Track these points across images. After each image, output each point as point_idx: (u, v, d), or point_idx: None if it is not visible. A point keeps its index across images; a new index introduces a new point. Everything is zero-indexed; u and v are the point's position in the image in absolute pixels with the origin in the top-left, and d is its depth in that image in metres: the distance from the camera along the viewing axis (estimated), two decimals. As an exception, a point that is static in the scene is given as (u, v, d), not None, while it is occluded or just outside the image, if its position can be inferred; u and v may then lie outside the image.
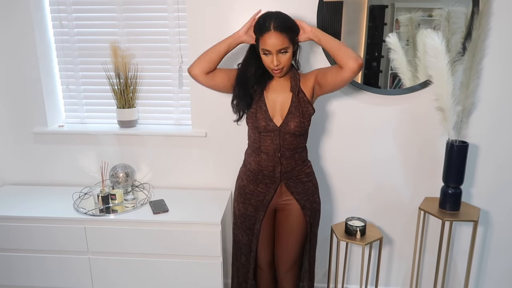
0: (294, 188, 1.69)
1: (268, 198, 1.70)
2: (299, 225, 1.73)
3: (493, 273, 2.18)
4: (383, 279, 2.25)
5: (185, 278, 1.90)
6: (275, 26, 1.49)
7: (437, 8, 1.79)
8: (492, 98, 1.91)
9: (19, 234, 1.90)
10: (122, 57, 2.05)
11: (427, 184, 2.06)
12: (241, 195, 1.76)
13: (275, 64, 1.53)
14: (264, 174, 1.68)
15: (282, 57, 1.54)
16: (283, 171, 1.66)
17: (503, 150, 1.98)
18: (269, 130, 1.62)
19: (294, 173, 1.68)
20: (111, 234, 1.86)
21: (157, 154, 2.16)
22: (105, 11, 2.07)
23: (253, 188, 1.72)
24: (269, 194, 1.70)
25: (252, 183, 1.71)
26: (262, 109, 1.63)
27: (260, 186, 1.70)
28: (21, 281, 1.98)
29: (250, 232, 1.76)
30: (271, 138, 1.63)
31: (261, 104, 1.63)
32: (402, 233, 2.16)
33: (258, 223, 1.74)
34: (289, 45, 1.53)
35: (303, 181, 1.71)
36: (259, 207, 1.72)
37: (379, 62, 1.93)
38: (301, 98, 1.63)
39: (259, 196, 1.71)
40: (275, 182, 1.68)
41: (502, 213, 2.07)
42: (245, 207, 1.74)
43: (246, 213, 1.74)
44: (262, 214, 1.72)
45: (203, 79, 1.66)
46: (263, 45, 1.53)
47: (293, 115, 1.61)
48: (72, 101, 2.24)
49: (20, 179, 2.27)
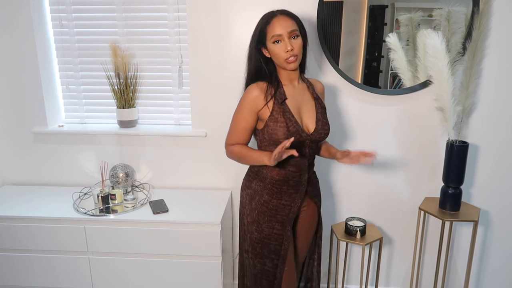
0: (312, 193, 1.64)
1: (295, 211, 1.57)
2: (314, 228, 1.71)
3: (493, 273, 2.18)
4: (383, 279, 2.25)
5: (185, 278, 1.90)
6: (281, 12, 1.46)
7: (437, 8, 1.79)
8: (492, 98, 1.91)
9: (19, 234, 1.90)
10: (122, 57, 2.05)
11: (427, 184, 2.06)
12: (263, 213, 1.56)
13: (289, 48, 1.42)
14: (290, 184, 1.55)
15: (294, 42, 1.44)
16: (307, 179, 1.58)
17: (503, 150, 1.98)
18: (301, 141, 1.50)
19: (312, 179, 1.64)
20: (111, 234, 1.86)
21: (157, 154, 2.16)
22: (105, 11, 2.07)
23: (276, 203, 1.56)
24: (295, 205, 1.57)
25: (276, 197, 1.55)
26: (292, 121, 1.48)
27: (284, 198, 1.56)
28: (21, 281, 1.97)
29: (275, 257, 1.57)
30: (300, 151, 1.51)
31: (289, 116, 1.48)
32: (402, 233, 2.16)
33: (286, 242, 1.56)
34: (299, 31, 1.45)
35: (314, 182, 1.67)
36: (286, 222, 1.56)
37: (379, 62, 1.93)
38: (321, 104, 1.58)
39: (284, 209, 1.56)
40: (300, 191, 1.56)
41: (502, 213, 2.07)
42: (271, 225, 1.56)
43: (272, 232, 1.56)
44: (290, 230, 1.57)
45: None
46: (272, 31, 1.43)
47: (321, 122, 1.54)
48: (72, 101, 2.23)
49: (20, 179, 2.27)
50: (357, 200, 2.14)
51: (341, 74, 1.92)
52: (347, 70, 1.92)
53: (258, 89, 1.50)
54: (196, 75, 2.03)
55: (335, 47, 1.90)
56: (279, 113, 1.48)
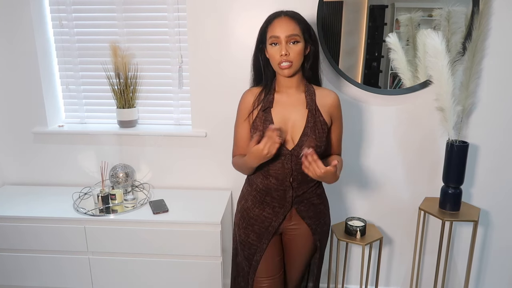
0: (306, 213, 1.48)
1: (275, 225, 1.47)
2: (308, 249, 1.55)
3: (493, 273, 2.18)
4: (383, 279, 2.25)
5: (185, 278, 1.90)
6: (285, 13, 1.37)
7: (437, 8, 1.79)
8: (492, 98, 1.91)
9: (19, 234, 1.90)
10: (122, 57, 2.05)
11: (427, 184, 2.06)
12: (243, 218, 1.53)
13: (283, 52, 1.32)
14: (273, 196, 1.46)
15: (292, 47, 1.34)
16: (294, 196, 1.45)
17: (503, 150, 1.98)
18: (279, 154, 1.38)
19: (306, 196, 1.47)
20: (111, 234, 1.86)
21: (157, 154, 2.16)
22: (105, 11, 2.07)
23: (258, 213, 1.48)
24: (277, 220, 1.47)
25: (258, 206, 1.48)
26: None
27: (267, 210, 1.47)
28: (21, 281, 1.98)
29: (247, 263, 1.53)
30: (282, 162, 1.40)
31: (268, 124, 1.39)
32: (402, 233, 2.16)
33: (259, 253, 1.50)
34: (300, 36, 1.35)
35: (315, 203, 1.50)
36: (263, 234, 1.49)
37: (379, 62, 1.93)
38: (317, 118, 1.41)
39: (264, 222, 1.48)
40: (284, 207, 1.46)
41: (502, 213, 2.07)
42: (247, 233, 1.51)
43: (247, 240, 1.51)
44: (266, 243, 1.49)
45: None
46: (272, 32, 1.35)
47: (308, 137, 1.39)
48: (72, 101, 2.23)
49: (20, 179, 2.27)
50: (357, 200, 2.14)
51: (341, 74, 1.92)
52: (347, 70, 1.92)
53: (250, 95, 1.46)
54: (196, 75, 2.03)
55: (335, 47, 1.90)
56: (261, 121, 1.41)
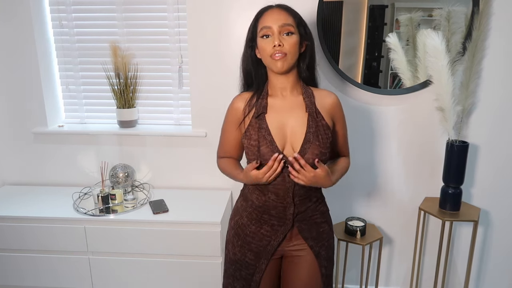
0: (308, 233, 1.34)
1: (275, 244, 1.33)
2: (312, 278, 1.35)
3: (493, 273, 2.18)
4: (383, 279, 2.25)
5: (185, 278, 1.90)
6: (277, 5, 1.27)
7: (437, 8, 1.79)
8: (492, 98, 1.91)
9: (19, 234, 1.90)
10: (122, 57, 2.05)
11: (427, 184, 2.06)
12: (238, 236, 1.37)
13: (277, 43, 1.19)
14: (272, 214, 1.32)
15: (286, 39, 1.21)
16: (295, 212, 1.31)
17: (503, 150, 1.98)
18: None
19: (308, 213, 1.34)
20: (111, 234, 1.86)
21: (157, 154, 2.16)
22: (105, 11, 2.07)
23: (255, 230, 1.34)
24: (276, 239, 1.32)
25: (255, 224, 1.34)
26: (267, 139, 1.26)
27: (265, 228, 1.33)
28: (21, 281, 1.97)
29: (245, 283, 1.37)
30: (283, 176, 1.26)
31: (264, 133, 1.26)
32: (402, 233, 2.16)
33: (258, 274, 1.35)
34: (295, 28, 1.23)
35: (317, 222, 1.36)
36: (262, 254, 1.34)
37: (379, 62, 1.93)
38: (319, 122, 1.27)
39: (263, 240, 1.33)
40: (285, 225, 1.32)
41: (502, 213, 2.07)
42: (243, 252, 1.36)
43: (243, 260, 1.36)
44: (265, 263, 1.34)
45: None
46: (263, 23, 1.23)
47: (311, 144, 1.24)
48: (72, 101, 2.23)
49: (20, 179, 2.27)
50: (357, 200, 2.14)
51: (341, 74, 1.92)
52: (347, 70, 1.92)
53: (240, 100, 1.35)
54: (196, 75, 2.03)
55: (335, 47, 1.90)
56: (255, 129, 1.28)
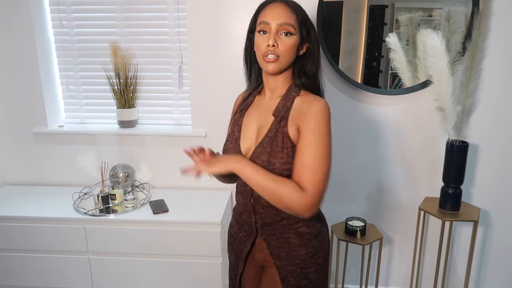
0: (276, 249, 1.20)
1: (246, 251, 1.26)
2: None
3: (493, 273, 2.18)
4: (383, 279, 2.25)
5: (185, 278, 1.90)
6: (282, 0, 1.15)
7: (437, 8, 1.79)
8: (492, 98, 1.91)
9: (19, 234, 1.90)
10: (122, 57, 2.05)
11: (427, 184, 2.06)
12: (228, 235, 1.38)
13: (271, 42, 1.09)
14: (244, 219, 1.26)
15: (283, 39, 1.11)
16: (259, 223, 1.21)
17: (503, 150, 1.98)
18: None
19: (277, 228, 1.19)
20: (111, 234, 1.86)
21: (157, 154, 2.16)
22: (105, 11, 2.07)
23: (236, 231, 1.31)
24: (247, 246, 1.26)
25: (236, 225, 1.31)
26: (235, 136, 1.22)
27: (242, 232, 1.28)
28: (20, 281, 1.97)
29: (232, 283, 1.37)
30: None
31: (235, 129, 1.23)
32: (402, 233, 2.16)
33: (238, 276, 1.33)
34: (295, 29, 1.12)
35: (290, 242, 1.19)
36: (239, 258, 1.30)
37: (379, 62, 1.93)
38: (280, 128, 1.14)
39: (240, 243, 1.29)
40: (252, 233, 1.24)
41: (502, 213, 2.07)
42: (230, 252, 1.37)
43: (230, 259, 1.38)
44: (242, 268, 1.30)
45: None
46: (262, 17, 1.13)
47: (263, 149, 1.13)
48: (72, 101, 2.23)
49: (20, 179, 2.27)
50: (357, 200, 2.14)
51: (341, 74, 1.92)
52: (347, 70, 1.92)
53: (240, 96, 1.34)
54: (196, 75, 2.03)
55: (335, 47, 1.90)
56: (233, 124, 1.24)
